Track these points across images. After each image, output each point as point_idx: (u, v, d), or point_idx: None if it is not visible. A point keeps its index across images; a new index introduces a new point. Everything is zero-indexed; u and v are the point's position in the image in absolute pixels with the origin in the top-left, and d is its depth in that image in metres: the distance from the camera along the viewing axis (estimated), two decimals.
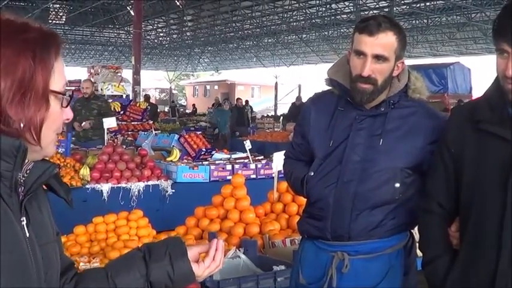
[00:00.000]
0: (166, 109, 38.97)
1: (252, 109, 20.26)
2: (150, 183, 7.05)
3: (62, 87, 1.27)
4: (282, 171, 2.81)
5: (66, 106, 1.29)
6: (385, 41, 2.23)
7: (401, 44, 2.29)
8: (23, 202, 1.24)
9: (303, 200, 3.10)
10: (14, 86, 1.16)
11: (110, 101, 11.83)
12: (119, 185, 6.82)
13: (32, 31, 1.21)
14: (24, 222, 1.23)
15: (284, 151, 2.89)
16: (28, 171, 1.25)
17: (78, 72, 34.86)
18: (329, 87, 2.49)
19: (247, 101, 20.59)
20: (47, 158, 1.31)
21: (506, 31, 1.76)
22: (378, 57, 2.23)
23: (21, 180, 1.24)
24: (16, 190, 1.22)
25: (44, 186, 1.36)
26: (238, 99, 20.71)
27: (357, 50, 2.26)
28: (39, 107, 1.20)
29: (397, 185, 2.28)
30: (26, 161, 1.23)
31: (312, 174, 2.40)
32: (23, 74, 1.17)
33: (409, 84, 2.37)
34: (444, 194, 2.03)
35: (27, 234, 1.23)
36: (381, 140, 2.29)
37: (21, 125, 1.18)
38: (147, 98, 20.32)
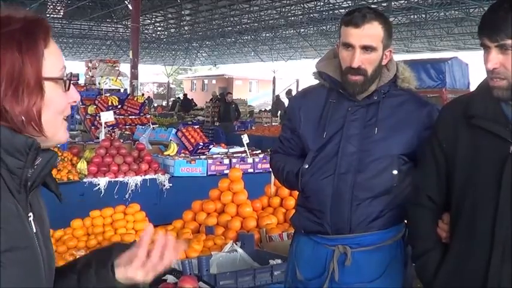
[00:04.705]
0: (164, 103, 38.92)
1: (237, 107, 19.37)
2: (147, 177, 7.05)
3: (58, 71, 1.23)
4: (270, 166, 2.79)
5: (68, 89, 1.26)
6: (371, 32, 2.26)
7: (388, 33, 2.32)
8: (28, 197, 1.23)
9: None
10: (4, 82, 1.14)
11: (108, 95, 11.79)
12: (116, 179, 6.82)
13: (15, 23, 1.18)
14: (31, 218, 1.23)
15: None
16: (35, 166, 1.22)
17: (76, 66, 34.72)
18: (317, 81, 2.52)
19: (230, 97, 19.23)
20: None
21: (487, 27, 1.80)
22: (366, 48, 2.27)
23: (28, 176, 1.22)
24: (26, 187, 1.21)
25: None
26: (228, 93, 20.12)
27: (345, 43, 2.30)
28: (34, 98, 1.17)
29: (395, 172, 2.29)
30: (39, 158, 1.21)
31: (307, 166, 2.39)
32: (11, 68, 1.14)
33: (398, 74, 2.41)
34: (434, 188, 2.04)
35: (34, 230, 1.23)
36: (376, 129, 2.31)
37: (23, 118, 1.16)
38: None
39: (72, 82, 1.28)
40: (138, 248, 1.35)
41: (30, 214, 1.23)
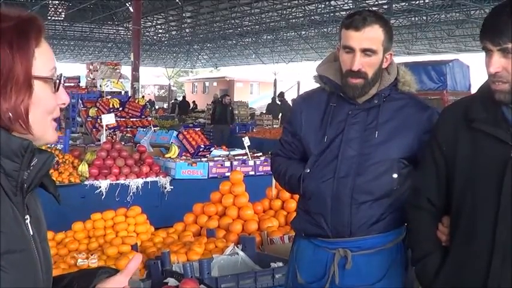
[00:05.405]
0: (165, 105, 38.92)
1: (232, 110, 19.01)
2: (148, 179, 7.07)
3: (48, 71, 1.23)
4: (271, 169, 2.77)
5: (57, 90, 1.25)
6: (371, 35, 2.26)
7: (388, 36, 2.32)
8: (24, 199, 1.23)
9: None
10: None
11: (109, 97, 11.80)
12: (118, 182, 6.83)
13: (7, 20, 1.17)
14: (28, 220, 1.23)
15: None
16: (32, 167, 1.22)
17: (77, 69, 34.74)
18: (318, 85, 2.51)
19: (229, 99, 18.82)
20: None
21: (489, 30, 1.80)
22: (366, 51, 2.27)
23: (24, 178, 1.22)
24: (22, 189, 1.20)
25: None
26: (226, 95, 19.91)
27: (345, 46, 2.30)
28: (22, 95, 1.17)
29: (395, 175, 2.29)
30: (35, 159, 1.21)
31: (308, 171, 2.39)
32: (1, 66, 1.14)
33: (399, 78, 2.41)
34: (434, 191, 2.04)
35: (31, 232, 1.23)
36: (376, 133, 2.31)
37: (10, 115, 1.16)
38: None
39: (63, 85, 1.28)
40: (122, 276, 1.38)
41: (27, 216, 1.23)
